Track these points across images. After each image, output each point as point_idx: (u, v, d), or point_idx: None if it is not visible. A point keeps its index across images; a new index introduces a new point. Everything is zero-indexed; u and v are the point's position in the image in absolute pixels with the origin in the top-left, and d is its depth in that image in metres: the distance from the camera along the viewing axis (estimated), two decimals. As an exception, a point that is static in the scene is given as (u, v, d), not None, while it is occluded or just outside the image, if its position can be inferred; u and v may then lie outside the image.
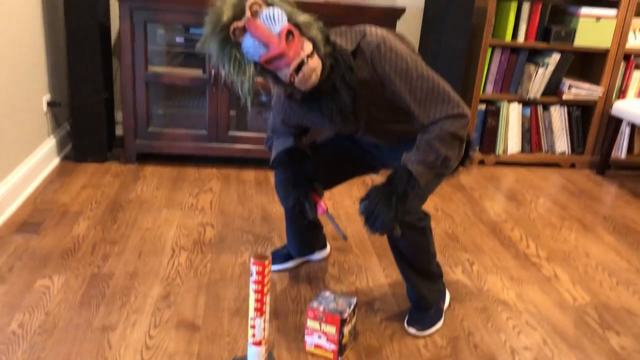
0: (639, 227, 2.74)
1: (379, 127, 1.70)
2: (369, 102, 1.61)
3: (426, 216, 1.78)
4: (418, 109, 1.55)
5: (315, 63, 1.45)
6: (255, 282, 1.49)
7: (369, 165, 1.94)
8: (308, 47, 1.45)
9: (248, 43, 1.43)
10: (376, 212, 1.56)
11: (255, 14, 1.43)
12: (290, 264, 2.14)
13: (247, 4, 1.43)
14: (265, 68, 1.46)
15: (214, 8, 1.45)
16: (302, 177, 1.81)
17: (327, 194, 2.81)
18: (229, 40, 1.43)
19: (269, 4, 1.45)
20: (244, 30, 1.43)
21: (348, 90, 1.51)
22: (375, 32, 1.55)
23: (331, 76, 1.49)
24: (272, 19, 1.42)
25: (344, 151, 1.92)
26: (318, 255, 2.21)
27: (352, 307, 1.67)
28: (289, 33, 1.43)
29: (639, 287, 2.20)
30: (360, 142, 1.90)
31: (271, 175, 3.01)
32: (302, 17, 1.48)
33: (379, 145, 1.84)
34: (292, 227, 2.06)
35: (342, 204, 2.71)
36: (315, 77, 1.46)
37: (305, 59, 1.43)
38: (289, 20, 1.45)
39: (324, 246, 2.24)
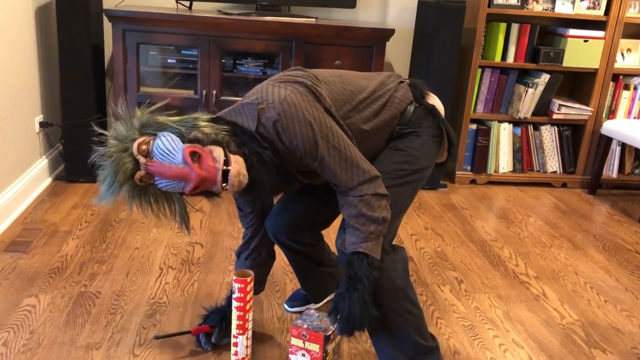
0: (629, 245, 2.74)
1: (318, 178, 1.60)
2: (292, 165, 1.51)
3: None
4: (332, 177, 1.44)
5: (236, 166, 1.37)
6: (237, 299, 1.49)
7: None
8: (219, 154, 1.37)
9: (162, 184, 1.36)
10: (353, 319, 1.40)
11: (148, 154, 1.35)
12: (311, 306, 2.01)
13: (135, 150, 1.35)
14: (194, 193, 1.40)
15: (105, 171, 1.36)
16: (221, 315, 1.77)
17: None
18: (142, 186, 1.38)
19: (154, 134, 1.38)
20: (149, 175, 1.36)
21: (271, 171, 1.43)
22: (272, 100, 1.40)
23: (252, 166, 1.40)
24: (167, 152, 1.34)
25: (311, 199, 1.79)
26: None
27: (335, 325, 1.67)
28: (193, 154, 1.35)
29: (627, 305, 2.20)
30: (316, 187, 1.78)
31: (262, 195, 3.02)
32: (192, 126, 1.39)
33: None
34: (299, 274, 1.94)
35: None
36: (244, 178, 1.39)
37: (225, 167, 1.35)
38: (183, 140, 1.37)
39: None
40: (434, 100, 1.68)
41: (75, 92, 2.86)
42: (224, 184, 1.36)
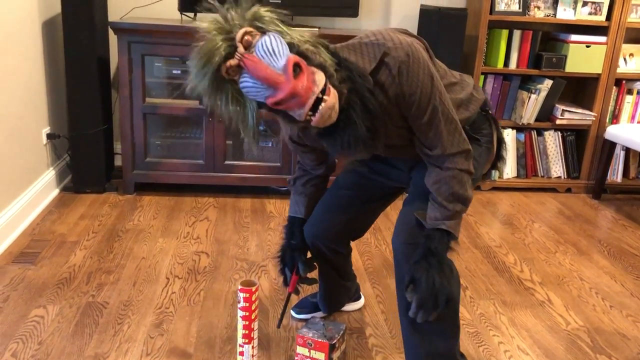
0: (634, 250, 2.74)
1: (399, 146, 1.53)
2: (387, 123, 1.43)
3: None
4: (434, 138, 1.40)
5: (333, 99, 1.23)
6: (243, 308, 1.51)
7: (392, 192, 1.77)
8: (320, 79, 1.23)
9: (248, 84, 1.21)
10: (436, 290, 1.36)
11: (249, 47, 1.20)
12: (318, 314, 2.01)
13: (238, 36, 1.20)
14: (273, 108, 1.25)
15: (199, 47, 1.23)
16: (293, 251, 1.76)
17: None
18: (223, 79, 1.23)
19: (263, 32, 1.22)
20: (239, 67, 1.21)
21: (368, 119, 1.30)
22: (399, 42, 1.33)
23: (349, 106, 1.27)
24: (271, 52, 1.19)
25: (362, 192, 1.74)
26: (349, 307, 2.08)
27: (341, 333, 1.68)
28: (296, 66, 1.20)
29: (633, 310, 2.20)
30: (377, 166, 1.72)
31: (267, 203, 3.04)
32: (306, 41, 1.25)
33: (397, 164, 1.68)
34: (323, 283, 1.93)
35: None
36: (334, 114, 1.25)
37: (321, 95, 1.22)
38: (292, 49, 1.22)
39: (358, 298, 2.09)
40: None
41: (81, 103, 2.89)
42: (310, 113, 1.23)
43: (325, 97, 1.22)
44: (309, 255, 1.81)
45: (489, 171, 1.66)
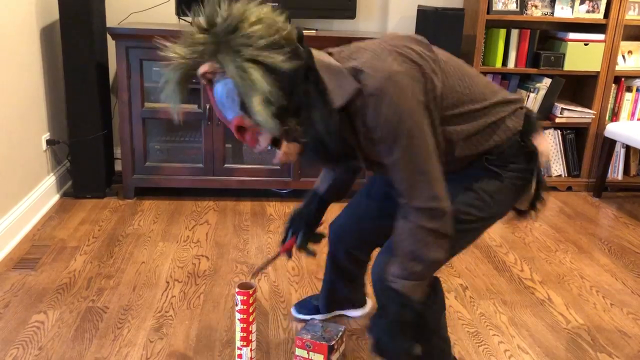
0: (635, 248, 2.74)
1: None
2: (364, 147, 1.35)
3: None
4: (399, 183, 1.27)
5: (285, 149, 1.26)
6: (240, 311, 1.51)
7: None
8: (265, 139, 1.26)
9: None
10: (381, 347, 1.32)
11: (209, 83, 1.24)
12: (318, 316, 2.00)
13: (199, 72, 1.21)
14: None
15: (168, 67, 1.23)
16: (301, 219, 1.72)
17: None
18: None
19: (221, 69, 1.19)
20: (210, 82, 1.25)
21: (328, 156, 1.28)
22: (379, 69, 1.22)
23: (308, 145, 1.26)
24: (222, 104, 1.23)
25: (391, 203, 1.64)
26: (354, 313, 2.03)
27: (340, 334, 1.68)
28: (240, 128, 1.24)
29: (633, 308, 2.19)
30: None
31: (267, 206, 3.05)
32: (256, 98, 1.15)
33: None
34: (327, 279, 1.91)
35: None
36: (292, 157, 1.29)
37: (270, 147, 1.26)
38: (241, 107, 1.20)
39: (363, 304, 2.03)
40: (540, 142, 1.42)
41: (81, 109, 2.90)
42: (269, 149, 1.28)
43: (277, 149, 1.26)
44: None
45: (524, 211, 1.49)
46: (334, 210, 2.82)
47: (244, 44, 1.16)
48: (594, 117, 3.39)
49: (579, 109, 3.39)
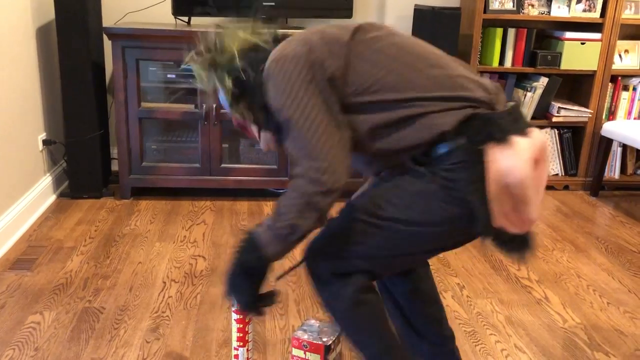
0: (632, 247, 2.74)
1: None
2: None
3: (359, 284, 1.34)
4: (289, 150, 1.30)
5: (263, 137, 1.39)
6: (237, 311, 1.51)
7: None
8: (254, 130, 1.40)
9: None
10: (230, 291, 1.34)
11: None
12: None
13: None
14: None
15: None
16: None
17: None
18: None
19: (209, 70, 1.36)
20: None
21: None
22: (272, 56, 1.30)
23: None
24: (223, 103, 1.40)
25: None
26: None
27: (336, 334, 1.68)
28: (238, 124, 1.40)
29: (630, 307, 2.19)
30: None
31: (264, 206, 3.04)
32: (222, 95, 1.36)
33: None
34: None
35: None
36: (272, 146, 1.40)
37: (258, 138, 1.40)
38: (231, 106, 1.37)
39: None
40: (502, 159, 1.17)
41: (77, 109, 2.89)
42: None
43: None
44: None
45: (455, 242, 1.32)
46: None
47: (223, 63, 1.34)
48: (590, 116, 3.40)
49: (576, 107, 3.39)
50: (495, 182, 1.16)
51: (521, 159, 1.16)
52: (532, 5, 3.27)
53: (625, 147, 3.54)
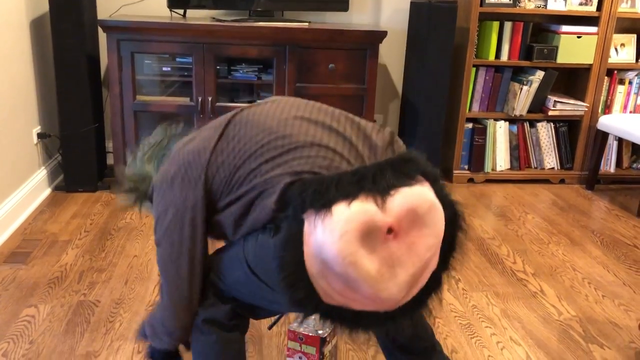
0: (627, 240, 2.75)
1: None
2: None
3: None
4: None
5: None
6: (232, 304, 1.51)
7: None
8: None
9: None
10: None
11: None
12: None
13: None
14: None
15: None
16: None
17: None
18: None
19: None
20: None
21: None
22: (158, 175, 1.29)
23: None
24: None
25: None
26: None
27: (332, 327, 1.68)
28: None
29: (625, 299, 2.20)
30: None
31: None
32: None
33: None
34: None
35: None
36: None
37: None
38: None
39: None
40: (324, 229, 1.00)
41: (72, 102, 2.88)
42: None
43: None
44: None
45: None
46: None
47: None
48: (586, 109, 3.40)
49: (572, 101, 3.39)
50: (312, 258, 1.02)
51: (332, 234, 0.98)
52: (529, -1, 3.26)
53: (621, 140, 3.55)
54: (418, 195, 1.04)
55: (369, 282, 1.00)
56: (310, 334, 1.63)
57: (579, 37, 3.28)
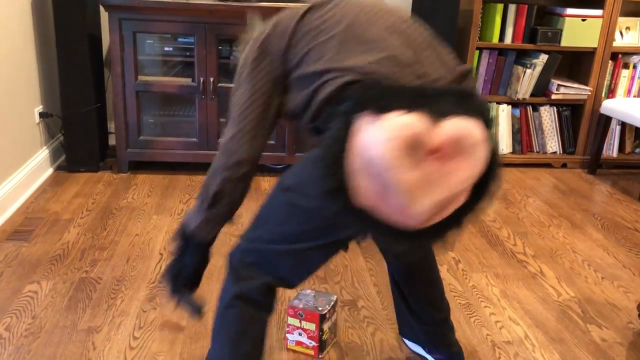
0: (628, 223, 2.75)
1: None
2: None
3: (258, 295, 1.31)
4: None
5: None
6: (232, 279, 1.51)
7: None
8: None
9: None
10: (166, 273, 1.36)
11: None
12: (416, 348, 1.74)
13: None
14: None
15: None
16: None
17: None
18: None
19: None
20: None
21: None
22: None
23: None
24: None
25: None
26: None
27: (332, 304, 1.69)
28: None
29: (624, 281, 2.21)
30: None
31: (262, 181, 3.04)
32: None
33: None
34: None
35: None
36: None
37: None
38: None
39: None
40: (376, 129, 1.02)
41: (74, 82, 2.88)
42: None
43: None
44: None
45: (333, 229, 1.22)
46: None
47: None
48: (590, 93, 3.38)
49: (575, 85, 3.37)
50: (357, 155, 1.04)
51: (381, 135, 1.01)
52: (533, -19, 3.23)
53: (624, 125, 3.54)
54: (469, 127, 1.05)
55: (403, 192, 1.02)
56: (310, 311, 1.64)
57: (583, 20, 3.25)
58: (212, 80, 2.94)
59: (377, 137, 1.00)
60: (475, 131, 1.05)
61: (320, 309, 1.65)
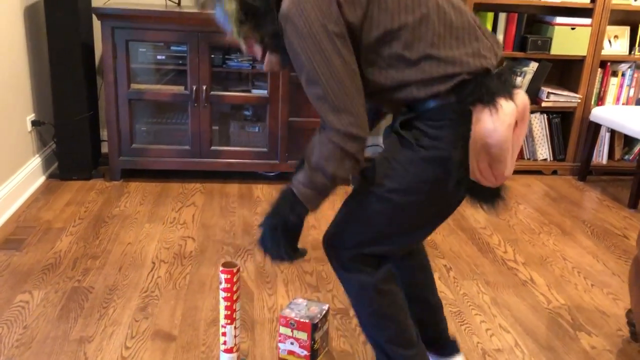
0: (617, 230, 2.77)
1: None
2: None
3: (379, 265, 1.42)
4: (310, 96, 1.30)
5: (267, 57, 1.36)
6: (224, 289, 1.52)
7: None
8: (257, 51, 1.37)
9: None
10: (264, 245, 1.37)
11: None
12: None
13: None
14: None
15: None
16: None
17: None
18: None
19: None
20: None
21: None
22: None
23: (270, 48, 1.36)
24: (222, 24, 1.36)
25: None
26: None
27: (323, 313, 1.70)
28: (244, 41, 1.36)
29: (614, 289, 2.23)
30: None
31: (254, 189, 3.05)
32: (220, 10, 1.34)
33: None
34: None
35: (324, 213, 2.74)
36: (276, 67, 1.38)
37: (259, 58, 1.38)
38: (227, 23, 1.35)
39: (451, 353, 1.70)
40: (487, 122, 1.25)
41: (66, 90, 2.88)
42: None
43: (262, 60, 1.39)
44: None
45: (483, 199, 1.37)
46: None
47: None
48: (579, 101, 3.42)
49: (565, 93, 3.41)
50: (477, 141, 1.27)
51: (503, 124, 1.26)
52: (523, -10, 3.27)
53: (613, 132, 3.57)
54: (524, 96, 1.32)
55: (508, 163, 1.30)
56: (302, 320, 1.65)
57: (573, 29, 3.29)
58: (204, 88, 2.95)
59: (499, 126, 1.25)
60: (526, 98, 1.33)
61: (312, 318, 1.66)
